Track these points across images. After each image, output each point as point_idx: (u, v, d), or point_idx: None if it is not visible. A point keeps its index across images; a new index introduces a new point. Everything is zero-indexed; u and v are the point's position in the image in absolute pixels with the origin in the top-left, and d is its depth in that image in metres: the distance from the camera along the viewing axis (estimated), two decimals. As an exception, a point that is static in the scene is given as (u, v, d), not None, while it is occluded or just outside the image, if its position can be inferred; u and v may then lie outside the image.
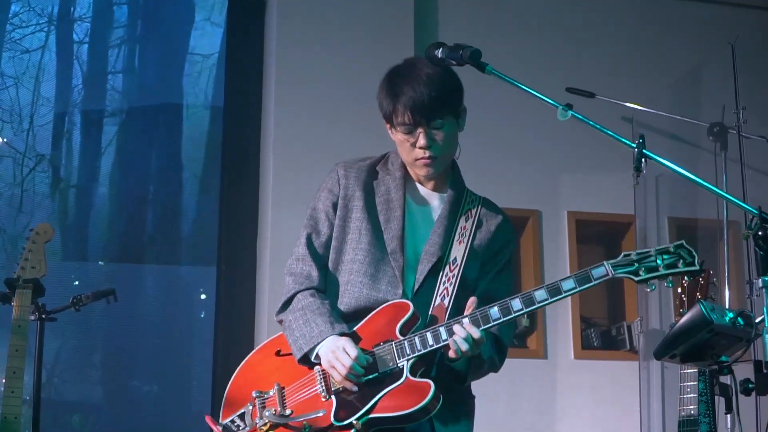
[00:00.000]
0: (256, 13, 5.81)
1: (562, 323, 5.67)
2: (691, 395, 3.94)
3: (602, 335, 5.77)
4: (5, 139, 6.53)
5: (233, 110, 5.78)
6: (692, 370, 3.98)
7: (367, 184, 3.22)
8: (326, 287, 3.18)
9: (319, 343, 3.00)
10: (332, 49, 5.59)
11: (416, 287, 3.09)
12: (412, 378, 2.93)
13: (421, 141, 3.08)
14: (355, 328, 3.06)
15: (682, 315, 3.24)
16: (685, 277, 4.16)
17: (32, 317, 4.02)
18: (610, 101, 5.58)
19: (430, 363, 3.01)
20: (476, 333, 2.90)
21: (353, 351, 2.95)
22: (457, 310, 3.03)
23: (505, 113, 5.75)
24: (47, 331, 4.17)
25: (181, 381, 6.33)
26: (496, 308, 2.92)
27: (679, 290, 4.22)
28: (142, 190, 6.66)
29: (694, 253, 2.81)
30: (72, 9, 6.95)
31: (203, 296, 6.54)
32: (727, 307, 4.49)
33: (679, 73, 6.12)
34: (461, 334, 2.90)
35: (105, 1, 7.01)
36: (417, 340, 2.95)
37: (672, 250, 2.84)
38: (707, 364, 3.17)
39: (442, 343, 2.93)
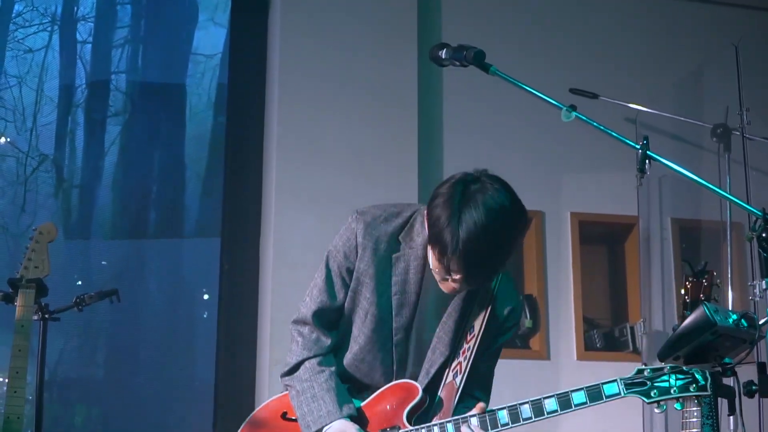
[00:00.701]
0: (260, 12, 5.81)
1: (564, 324, 5.67)
2: (694, 397, 3.93)
3: (605, 336, 5.76)
4: (8, 139, 6.53)
5: (236, 110, 5.78)
6: (695, 372, 3.97)
7: (384, 260, 3.00)
8: (337, 344, 3.12)
9: (326, 425, 2.96)
10: (335, 48, 5.60)
11: (424, 380, 3.04)
12: None
13: (454, 285, 2.84)
14: (361, 405, 3.04)
15: (685, 316, 3.23)
16: (689, 278, 4.16)
17: (35, 317, 4.02)
18: (613, 102, 5.57)
19: None
20: None
21: None
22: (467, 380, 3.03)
23: (508, 114, 5.75)
24: (50, 330, 4.17)
25: (184, 381, 6.33)
26: (505, 412, 2.88)
27: (682, 292, 4.21)
28: (145, 190, 6.66)
29: (707, 374, 2.83)
30: (75, 9, 6.95)
31: (206, 296, 6.54)
32: (730, 308, 4.49)
33: (682, 74, 6.12)
34: None
35: (108, 1, 7.02)
36: None
37: (685, 369, 2.84)
38: (711, 366, 3.17)
39: None
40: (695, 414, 3.92)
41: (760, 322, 2.76)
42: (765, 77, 6.06)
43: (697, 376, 2.83)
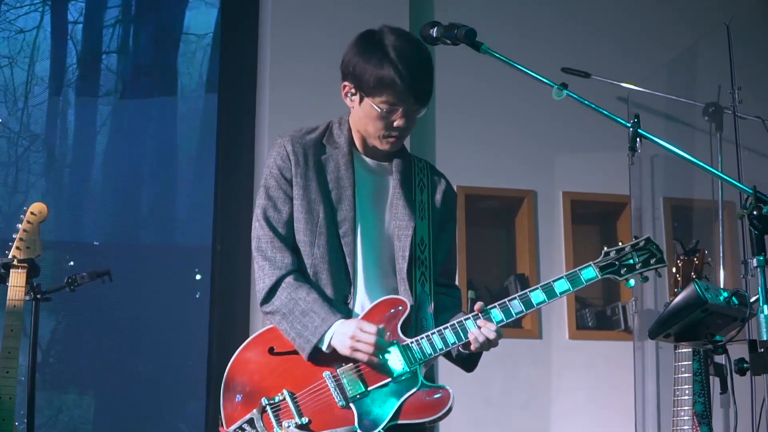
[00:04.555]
0: (251, -8, 5.79)
1: (556, 303, 5.64)
2: (686, 375, 3.95)
3: (597, 315, 5.78)
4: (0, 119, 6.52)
5: (228, 90, 5.77)
6: (687, 350, 3.98)
7: (315, 165, 3.14)
8: (299, 261, 3.11)
9: (326, 331, 2.95)
10: (327, 27, 5.58)
11: (408, 286, 3.09)
12: (426, 382, 2.96)
13: (400, 122, 3.05)
14: None
15: (676, 295, 3.25)
16: (680, 257, 4.18)
17: (27, 297, 4.02)
18: (605, 81, 5.57)
19: (432, 361, 3.04)
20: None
21: (371, 327, 2.93)
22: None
23: (500, 93, 5.74)
24: (42, 311, 4.17)
25: (176, 361, 6.34)
26: (517, 301, 3.02)
27: (674, 270, 4.23)
28: (136, 171, 6.65)
29: (660, 248, 3.05)
30: (66, -12, 6.92)
31: (198, 276, 6.53)
32: (721, 286, 4.50)
33: (674, 53, 6.10)
34: (490, 335, 2.96)
35: (99, -20, 6.99)
36: (425, 343, 2.97)
37: (642, 245, 3.06)
38: (702, 344, 3.19)
39: (450, 347, 2.97)
40: (684, 369, 3.95)
41: (751, 300, 2.77)
42: (757, 56, 6.06)
43: (652, 248, 3.05)
